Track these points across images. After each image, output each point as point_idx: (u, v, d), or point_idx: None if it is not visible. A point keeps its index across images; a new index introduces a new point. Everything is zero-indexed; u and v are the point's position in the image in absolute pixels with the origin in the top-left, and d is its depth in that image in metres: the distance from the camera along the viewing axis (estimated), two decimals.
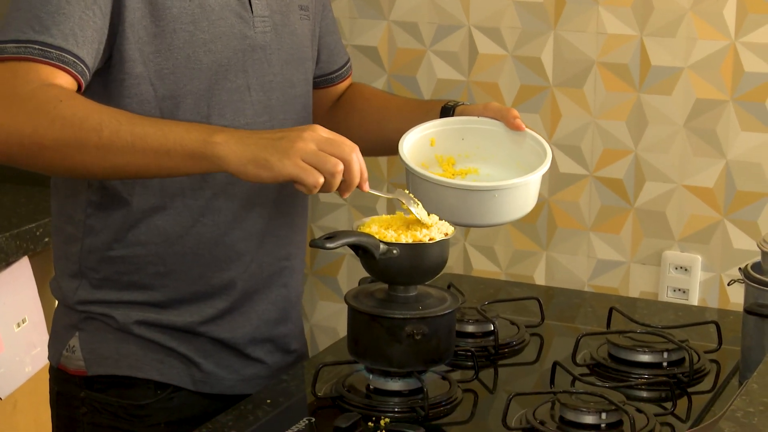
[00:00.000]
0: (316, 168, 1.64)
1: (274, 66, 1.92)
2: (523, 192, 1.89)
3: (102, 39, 1.76)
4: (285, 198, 1.93)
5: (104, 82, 1.81)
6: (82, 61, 1.73)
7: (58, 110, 1.66)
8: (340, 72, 2.18)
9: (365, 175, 1.70)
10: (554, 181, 3.15)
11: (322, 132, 1.68)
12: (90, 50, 1.74)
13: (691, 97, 2.99)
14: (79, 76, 1.73)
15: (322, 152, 1.65)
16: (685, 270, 3.07)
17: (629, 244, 3.12)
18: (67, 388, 1.93)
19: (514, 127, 2.00)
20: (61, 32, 1.71)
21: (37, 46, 1.70)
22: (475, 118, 2.01)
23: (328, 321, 3.48)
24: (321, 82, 2.14)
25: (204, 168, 1.67)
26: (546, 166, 1.91)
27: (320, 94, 2.14)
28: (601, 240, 3.14)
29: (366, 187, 1.71)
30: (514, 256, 3.24)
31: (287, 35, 1.95)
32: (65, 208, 1.91)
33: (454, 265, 3.25)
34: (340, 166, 1.65)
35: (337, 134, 1.69)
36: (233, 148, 1.64)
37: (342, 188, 1.68)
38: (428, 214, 1.78)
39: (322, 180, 1.64)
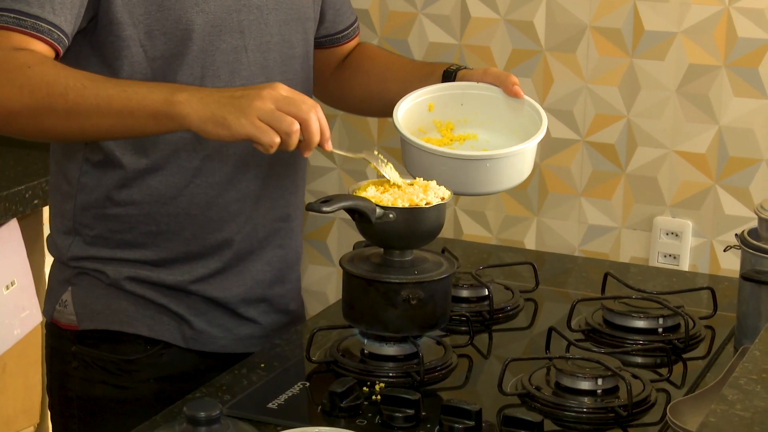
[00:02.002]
0: (271, 127, 1.63)
1: (272, 26, 1.90)
2: (517, 160, 1.88)
3: (83, 3, 1.75)
4: (281, 159, 1.92)
5: (94, 45, 1.80)
6: (59, 28, 1.73)
7: (26, 76, 1.67)
8: (346, 32, 2.16)
9: (327, 134, 1.68)
10: (546, 146, 3.13)
11: (282, 90, 1.66)
12: (68, 16, 1.73)
13: (684, 62, 2.98)
14: (56, 44, 1.73)
15: (279, 111, 1.64)
16: (676, 236, 3.06)
17: (620, 209, 3.11)
18: (59, 343, 1.94)
19: (512, 93, 1.99)
20: (37, 0, 1.70)
21: (12, 15, 1.70)
22: (474, 83, 2.00)
23: (318, 285, 3.47)
24: (326, 42, 2.12)
25: (168, 127, 1.68)
26: (540, 135, 1.90)
27: (326, 54, 2.13)
28: (593, 205, 3.13)
29: (328, 146, 1.69)
30: (505, 221, 3.23)
31: None
32: (62, 166, 1.91)
33: (444, 231, 3.24)
34: (296, 126, 1.64)
35: (298, 93, 1.68)
36: (194, 107, 1.65)
37: (302, 147, 1.67)
38: (399, 175, 1.77)
39: (278, 140, 1.64)
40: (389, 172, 1.76)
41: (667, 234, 3.08)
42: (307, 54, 1.99)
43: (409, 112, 1.95)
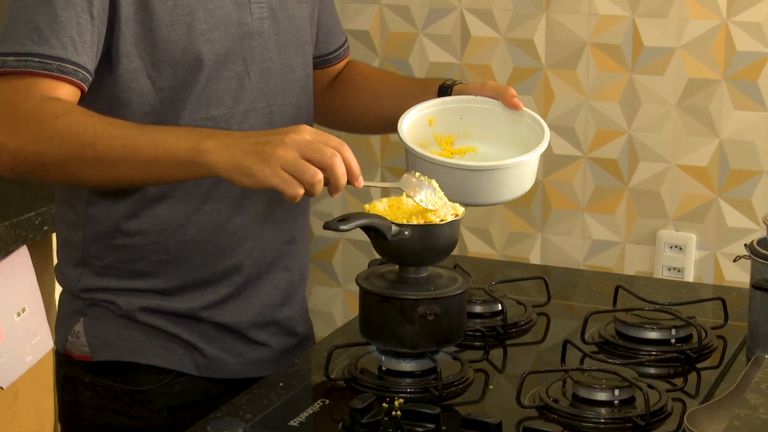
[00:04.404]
0: (295, 178, 1.63)
1: (272, 52, 1.92)
2: (522, 171, 1.90)
3: (101, 38, 1.77)
4: None
5: (102, 77, 1.82)
6: (83, 67, 1.75)
7: (55, 127, 1.69)
8: (337, 53, 2.18)
9: (356, 171, 1.67)
10: (548, 162, 3.16)
11: (306, 134, 1.65)
12: (90, 54, 1.76)
13: (684, 76, 3.01)
14: (81, 83, 1.75)
15: (301, 161, 1.62)
16: (680, 249, 3.09)
17: (624, 224, 3.14)
18: (72, 373, 1.95)
19: (511, 105, 2.01)
20: (59, 41, 1.72)
21: (36, 59, 1.72)
22: (473, 97, 2.01)
23: (324, 306, 3.49)
24: (318, 62, 2.14)
25: (196, 174, 1.69)
26: (544, 145, 1.93)
27: (317, 74, 2.14)
28: (596, 220, 3.15)
29: (359, 183, 1.68)
30: (510, 237, 3.25)
31: (285, 20, 1.94)
32: (68, 197, 1.92)
33: None
34: (319, 176, 1.63)
35: (323, 134, 1.67)
36: (220, 156, 1.65)
37: (329, 189, 1.66)
38: (434, 193, 1.78)
39: (302, 191, 1.63)
40: (428, 196, 1.76)
41: (671, 247, 3.10)
42: (307, 77, 2.01)
43: (411, 126, 1.97)
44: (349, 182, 1.67)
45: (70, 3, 1.73)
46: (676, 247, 3.09)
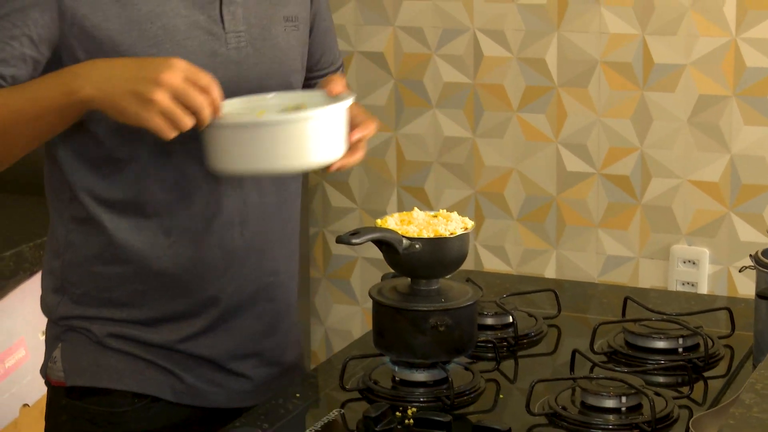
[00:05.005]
0: (170, 121, 1.67)
1: (251, 81, 1.86)
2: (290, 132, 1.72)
3: (37, 68, 1.77)
4: (269, 215, 1.92)
5: None
6: (11, 77, 1.76)
7: None
8: (323, 72, 2.09)
9: (219, 112, 1.70)
10: (562, 179, 3.20)
11: (179, 74, 1.67)
12: (23, 68, 1.76)
13: (694, 93, 3.05)
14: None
15: (175, 109, 1.66)
16: (693, 263, 3.12)
17: (637, 239, 3.17)
18: (51, 397, 1.94)
19: (329, 92, 1.85)
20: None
21: None
22: (309, 91, 1.89)
23: (342, 324, 3.53)
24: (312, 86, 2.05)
25: (79, 114, 1.73)
26: (323, 110, 1.75)
27: None
28: (610, 236, 3.19)
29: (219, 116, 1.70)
30: (525, 254, 3.29)
31: (268, 49, 1.89)
32: (53, 225, 1.92)
33: (464, 265, 3.30)
34: (191, 122, 1.67)
35: (194, 72, 1.68)
36: (95, 94, 1.69)
37: (197, 125, 1.70)
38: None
39: (174, 134, 1.68)
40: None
41: (685, 262, 3.13)
42: None
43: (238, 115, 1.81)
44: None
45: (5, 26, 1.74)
46: (689, 261, 3.13)
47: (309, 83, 2.05)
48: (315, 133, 1.73)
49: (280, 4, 1.92)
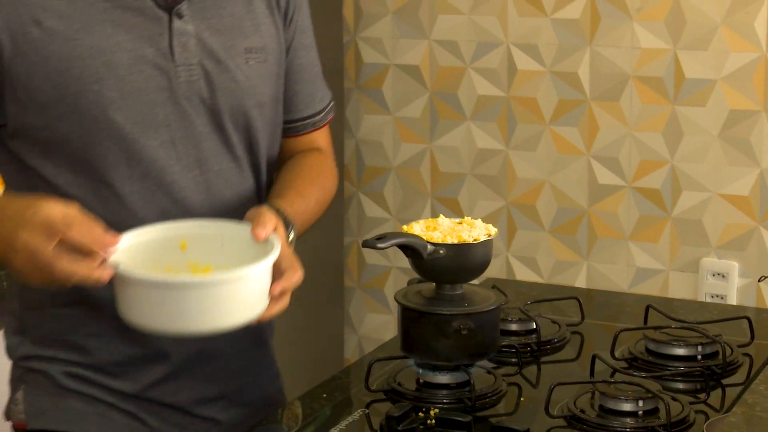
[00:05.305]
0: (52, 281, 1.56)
1: (204, 116, 1.78)
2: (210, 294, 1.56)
3: None
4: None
5: (15, 146, 1.75)
6: None
7: None
8: (301, 122, 1.97)
9: (97, 243, 1.54)
10: (593, 192, 3.24)
11: (31, 243, 1.53)
12: None
13: (725, 108, 3.09)
14: None
15: (44, 278, 1.55)
16: (723, 276, 3.15)
17: (667, 252, 3.21)
18: None
19: (254, 236, 1.67)
20: None
21: None
22: (235, 223, 1.70)
23: (375, 332, 3.58)
24: (286, 130, 1.96)
25: None
26: (238, 273, 1.57)
27: (287, 144, 1.97)
28: (640, 249, 3.23)
29: (105, 276, 1.55)
30: (556, 265, 3.33)
31: (225, 82, 1.79)
32: None
33: (497, 275, 3.35)
34: (74, 279, 1.55)
35: (47, 227, 1.53)
36: None
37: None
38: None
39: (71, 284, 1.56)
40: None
41: (714, 275, 3.17)
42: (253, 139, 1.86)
43: (149, 245, 1.66)
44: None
45: None
46: (718, 274, 3.16)
47: (288, 128, 1.95)
48: (228, 296, 1.56)
49: (241, 35, 1.82)
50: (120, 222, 1.69)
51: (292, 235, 1.76)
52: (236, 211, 1.78)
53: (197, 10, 1.78)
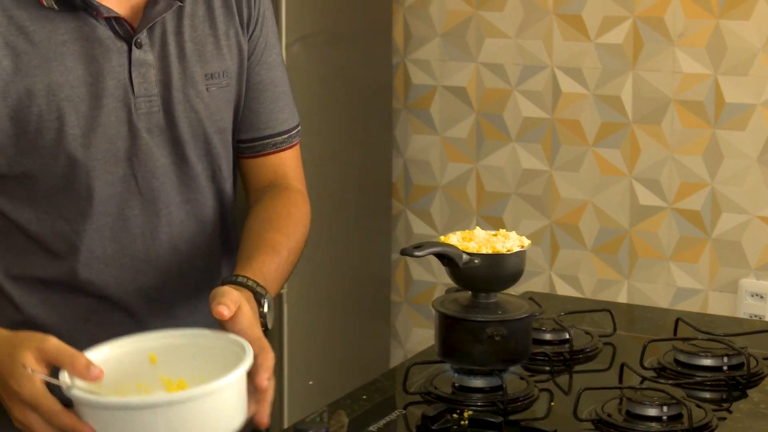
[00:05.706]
0: None
1: (165, 148, 1.75)
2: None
3: None
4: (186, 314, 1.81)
5: None
6: None
7: None
8: (262, 142, 1.91)
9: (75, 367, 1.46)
10: (635, 213, 3.32)
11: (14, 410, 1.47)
12: None
13: (764, 131, 3.15)
14: None
15: None
16: (761, 297, 3.22)
17: (707, 272, 3.28)
18: None
19: (214, 312, 1.56)
20: None
21: None
22: (205, 330, 1.58)
23: (422, 346, 3.65)
24: (245, 149, 1.91)
25: None
26: (209, 388, 1.44)
27: (250, 167, 1.92)
28: (680, 269, 3.30)
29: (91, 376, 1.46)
30: (597, 284, 3.41)
31: (185, 112, 1.76)
32: None
33: (538, 290, 3.43)
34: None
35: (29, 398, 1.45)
36: None
37: None
38: None
39: None
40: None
41: (752, 296, 3.23)
42: (215, 168, 1.83)
43: (118, 361, 1.54)
44: None
45: None
46: (757, 295, 3.23)
47: (246, 147, 1.90)
48: (203, 411, 1.44)
49: (201, 61, 1.78)
50: (78, 261, 1.71)
51: (266, 306, 1.68)
52: (199, 245, 1.79)
53: (156, 38, 1.74)
